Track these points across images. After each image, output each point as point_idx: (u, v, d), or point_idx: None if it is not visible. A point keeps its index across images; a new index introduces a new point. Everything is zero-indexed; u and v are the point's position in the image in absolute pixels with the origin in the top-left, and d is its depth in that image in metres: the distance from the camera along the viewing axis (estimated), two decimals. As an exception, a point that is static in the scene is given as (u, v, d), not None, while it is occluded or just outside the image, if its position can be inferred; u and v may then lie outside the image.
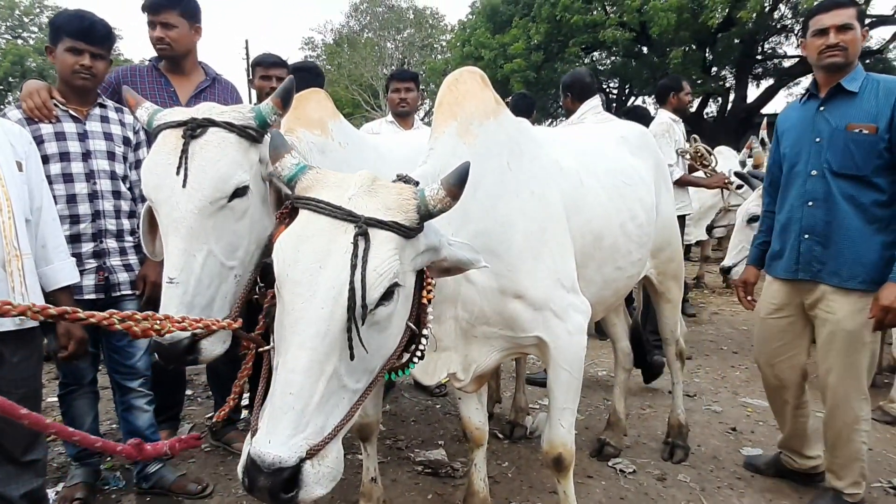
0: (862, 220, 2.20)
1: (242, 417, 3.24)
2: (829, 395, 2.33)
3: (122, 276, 2.37)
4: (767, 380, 2.60)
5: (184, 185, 1.42)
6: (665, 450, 2.99)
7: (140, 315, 1.15)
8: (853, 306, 2.22)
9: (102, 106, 2.40)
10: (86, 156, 2.29)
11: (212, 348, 1.47)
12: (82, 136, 2.29)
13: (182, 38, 2.71)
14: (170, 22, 2.67)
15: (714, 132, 13.98)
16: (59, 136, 2.24)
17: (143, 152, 2.46)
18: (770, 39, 15.87)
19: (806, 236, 2.32)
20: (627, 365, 3.13)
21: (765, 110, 15.17)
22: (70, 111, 2.29)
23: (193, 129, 1.45)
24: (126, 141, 2.44)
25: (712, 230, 5.77)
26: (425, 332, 1.36)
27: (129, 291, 2.39)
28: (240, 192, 1.48)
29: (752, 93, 16.31)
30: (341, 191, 1.22)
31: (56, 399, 2.57)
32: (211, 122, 1.47)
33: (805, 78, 16.12)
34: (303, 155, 1.39)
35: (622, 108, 15.51)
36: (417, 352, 1.36)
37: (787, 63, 16.05)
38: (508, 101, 4.25)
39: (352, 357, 1.12)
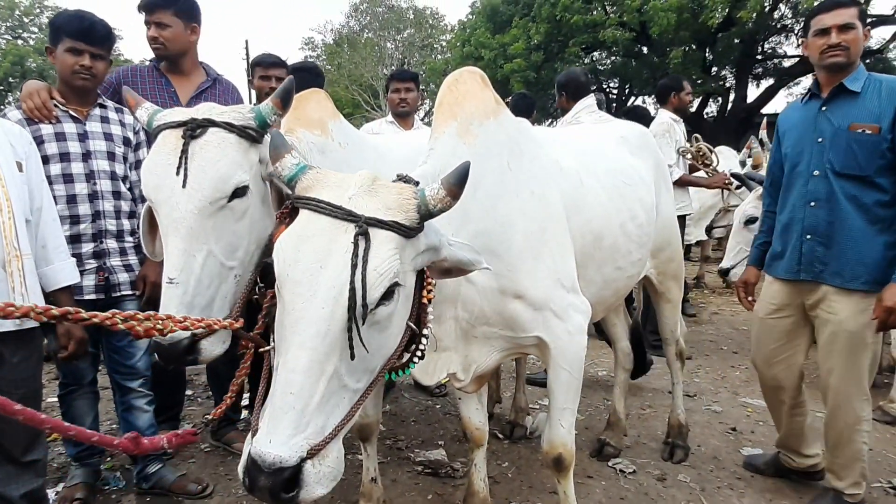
0: (864, 220, 2.20)
1: (242, 418, 3.24)
2: (831, 395, 2.33)
3: (123, 277, 2.37)
4: (764, 380, 2.60)
5: (183, 186, 1.42)
6: (665, 450, 2.99)
7: (142, 315, 1.15)
8: (855, 307, 2.22)
9: (102, 106, 2.40)
10: (86, 156, 2.29)
11: (211, 348, 1.47)
12: (82, 137, 2.29)
13: (176, 37, 2.70)
14: (163, 21, 2.66)
15: (714, 132, 13.97)
16: (60, 137, 2.24)
17: (144, 153, 2.46)
18: (770, 39, 15.87)
19: (808, 237, 2.31)
20: (627, 365, 3.13)
21: (765, 110, 15.16)
22: (70, 111, 2.29)
23: (193, 129, 1.45)
24: (126, 141, 2.44)
25: (712, 230, 5.77)
26: (425, 332, 1.36)
27: (130, 292, 2.39)
28: (239, 193, 1.48)
29: (753, 93, 16.34)
30: (341, 191, 1.22)
31: (56, 399, 2.57)
32: (211, 123, 1.47)
33: (805, 78, 16.13)
34: (303, 155, 1.39)
35: (622, 108, 15.52)
36: (418, 352, 1.36)
37: (787, 63, 16.05)
38: (508, 101, 4.25)
39: (352, 357, 1.12)
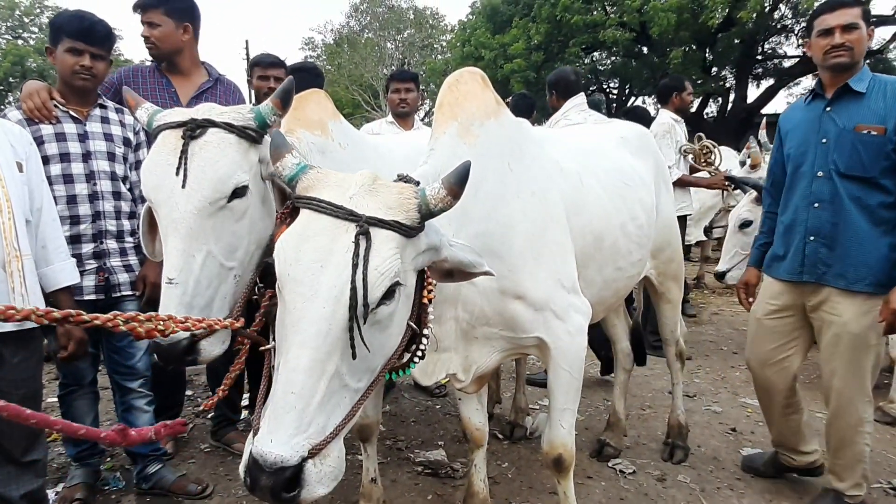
0: (869, 221, 2.18)
1: (242, 418, 3.24)
2: (833, 397, 2.31)
3: (123, 277, 2.37)
4: (758, 381, 2.57)
5: (183, 186, 1.42)
6: (665, 450, 2.99)
7: (144, 316, 1.15)
8: (859, 309, 2.20)
9: (103, 107, 2.40)
10: (86, 157, 2.29)
11: (211, 349, 1.47)
12: (82, 137, 2.29)
13: (167, 36, 2.69)
14: (154, 21, 2.67)
15: (714, 132, 13.88)
16: (60, 137, 2.24)
17: (144, 153, 2.46)
18: (770, 39, 15.86)
19: (811, 238, 2.29)
20: (627, 365, 3.13)
21: (765, 110, 15.16)
22: (70, 112, 2.29)
23: (193, 129, 1.45)
24: (126, 142, 2.44)
25: (710, 230, 5.76)
26: (426, 332, 1.36)
27: (130, 292, 2.39)
28: (239, 193, 1.48)
29: (753, 93, 16.33)
30: (342, 190, 1.22)
31: (56, 399, 2.57)
32: (211, 123, 1.47)
33: (805, 78, 16.15)
34: (303, 156, 1.39)
35: (622, 108, 15.52)
36: (418, 352, 1.36)
37: (787, 63, 16.05)
38: (508, 101, 4.25)
39: (354, 356, 1.12)
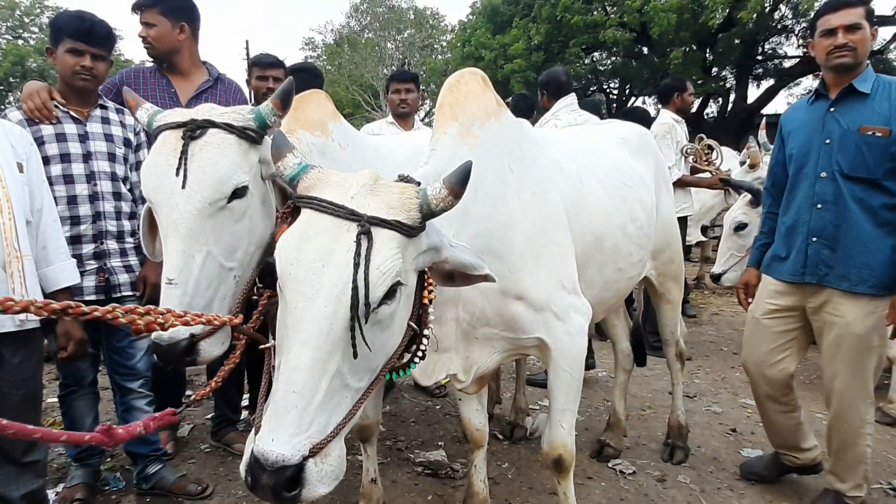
0: (872, 223, 2.17)
1: (242, 418, 3.24)
2: (835, 398, 2.30)
3: (123, 278, 2.37)
4: (755, 382, 2.55)
5: (183, 186, 1.42)
6: (665, 451, 2.99)
7: (142, 309, 1.14)
8: (862, 310, 2.20)
9: (103, 107, 2.40)
10: (86, 157, 2.29)
11: (210, 349, 1.46)
12: (83, 138, 2.29)
13: (162, 36, 2.69)
14: (150, 21, 2.67)
15: (714, 133, 13.87)
16: (60, 138, 2.24)
17: (144, 153, 2.46)
18: (770, 40, 15.85)
19: (814, 239, 2.28)
20: (628, 366, 3.13)
21: (765, 111, 15.16)
22: (71, 112, 2.29)
23: (193, 130, 1.45)
24: (127, 142, 2.44)
25: (707, 230, 5.76)
26: (426, 333, 1.36)
27: (130, 293, 2.39)
28: (239, 193, 1.48)
29: (753, 93, 16.31)
30: (343, 190, 1.22)
31: (56, 399, 2.57)
32: (211, 124, 1.47)
33: (805, 78, 16.15)
34: (303, 156, 1.39)
35: (622, 108, 15.51)
36: (419, 352, 1.36)
37: (787, 63, 16.04)
38: (509, 101, 4.25)
39: (355, 355, 1.12)
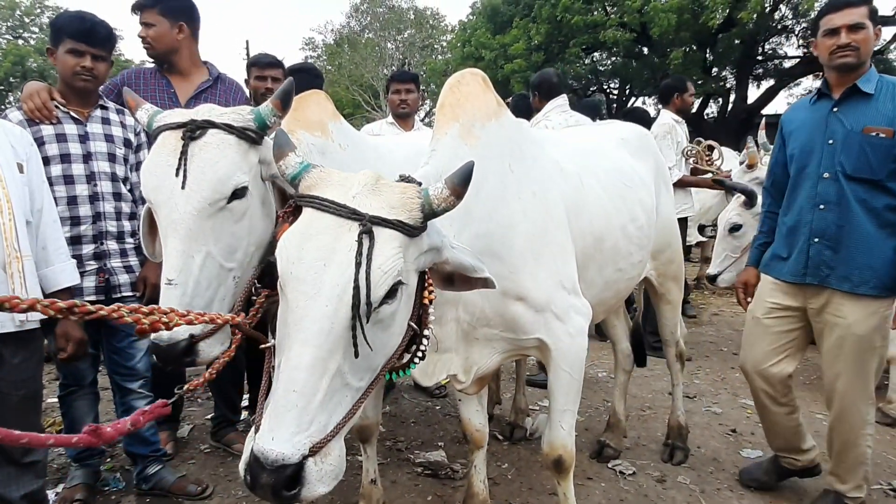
0: (874, 224, 2.16)
1: (242, 419, 3.24)
2: (837, 399, 2.30)
3: (123, 278, 2.37)
4: (755, 383, 2.51)
5: (183, 187, 1.42)
6: (665, 451, 2.99)
7: (146, 308, 1.14)
8: (864, 311, 2.19)
9: (104, 107, 2.40)
10: (87, 157, 2.29)
11: (209, 350, 1.46)
12: (83, 138, 2.29)
13: (161, 36, 2.69)
14: (149, 21, 2.68)
15: (714, 133, 13.95)
16: (60, 138, 2.24)
17: (145, 154, 2.45)
18: (770, 40, 15.84)
19: (816, 240, 2.26)
20: (628, 366, 3.13)
21: (765, 111, 15.15)
22: (71, 113, 2.29)
23: (193, 130, 1.45)
24: (127, 143, 2.44)
25: (704, 229, 5.77)
26: (426, 333, 1.36)
27: (130, 293, 2.39)
28: (239, 194, 1.48)
29: (753, 93, 16.29)
30: (345, 189, 1.22)
31: (56, 400, 2.57)
32: (210, 124, 1.47)
33: (806, 79, 16.14)
34: (303, 156, 1.39)
35: (623, 108, 15.52)
36: (419, 352, 1.36)
37: (787, 64, 16.03)
38: (509, 101, 4.26)
39: (356, 355, 1.12)
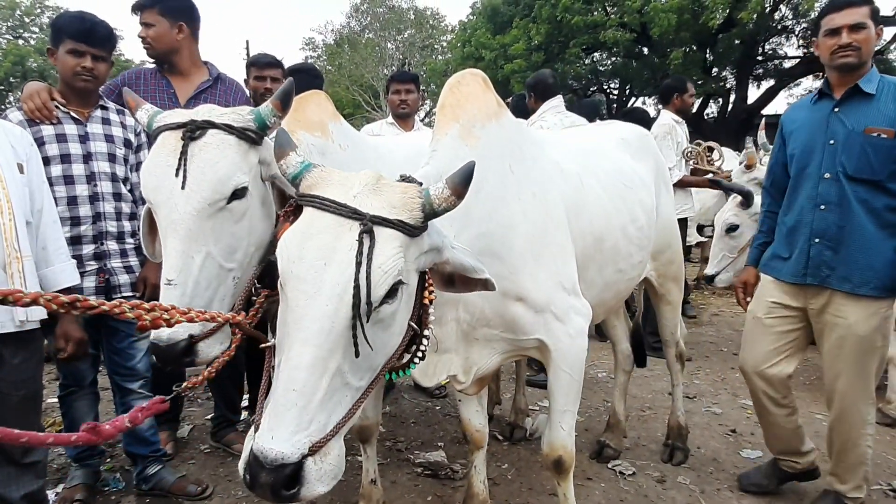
0: (875, 225, 2.16)
1: (242, 419, 3.24)
2: (837, 399, 2.29)
3: (123, 278, 2.37)
4: (754, 385, 2.48)
5: (182, 187, 1.42)
6: (665, 452, 2.99)
7: (148, 305, 1.14)
8: (865, 311, 2.19)
9: (104, 108, 2.40)
10: (87, 157, 2.29)
11: (209, 350, 1.46)
12: (83, 138, 2.29)
13: (161, 36, 2.69)
14: (149, 21, 2.68)
15: (715, 133, 13.96)
16: (60, 138, 2.24)
17: (145, 154, 2.46)
18: (771, 40, 15.85)
19: (816, 240, 2.26)
20: (627, 367, 3.13)
21: (765, 111, 15.16)
22: (71, 113, 2.29)
23: (193, 131, 1.45)
24: (127, 143, 2.44)
25: (702, 229, 5.77)
26: (427, 333, 1.36)
27: (130, 293, 2.39)
28: (239, 194, 1.48)
29: (753, 94, 16.30)
30: (346, 189, 1.21)
31: (56, 400, 2.57)
32: (210, 125, 1.47)
33: (806, 79, 16.13)
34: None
35: (623, 108, 15.52)
36: (419, 352, 1.36)
37: (787, 64, 16.03)
38: (508, 101, 4.26)
39: (356, 354, 1.12)
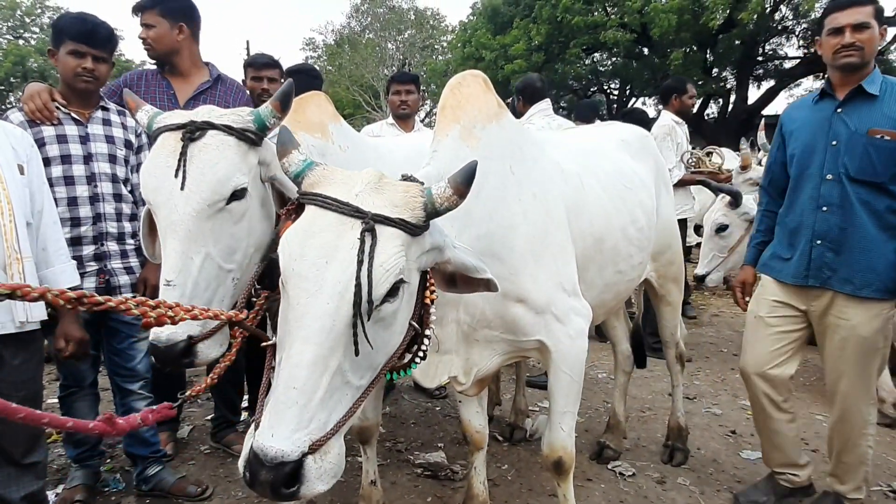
0: (876, 226, 2.15)
1: (242, 420, 3.24)
2: (839, 400, 2.29)
3: (123, 279, 2.37)
4: (755, 388, 2.43)
5: (182, 188, 1.42)
6: (665, 453, 2.99)
7: (152, 302, 1.14)
8: (868, 313, 2.18)
9: (105, 109, 2.40)
10: (87, 158, 2.29)
11: (208, 351, 1.47)
12: (84, 139, 2.29)
13: (161, 37, 2.69)
14: (149, 22, 2.68)
15: (715, 133, 13.98)
16: (61, 139, 2.24)
17: (145, 155, 2.45)
18: (771, 41, 15.85)
19: (818, 242, 2.24)
20: (627, 368, 3.13)
21: (766, 111, 15.15)
22: (72, 114, 2.29)
23: (192, 131, 1.46)
24: (128, 144, 2.44)
25: (699, 229, 5.76)
26: (428, 333, 1.36)
27: (130, 294, 2.39)
28: (238, 195, 1.49)
29: (753, 94, 16.30)
30: (348, 187, 1.22)
31: (56, 400, 2.57)
32: (210, 125, 1.48)
33: (806, 79, 16.13)
34: (304, 157, 1.39)
35: (623, 109, 15.52)
36: (420, 352, 1.36)
37: (787, 64, 16.04)
38: (508, 102, 4.25)
39: (357, 353, 1.12)
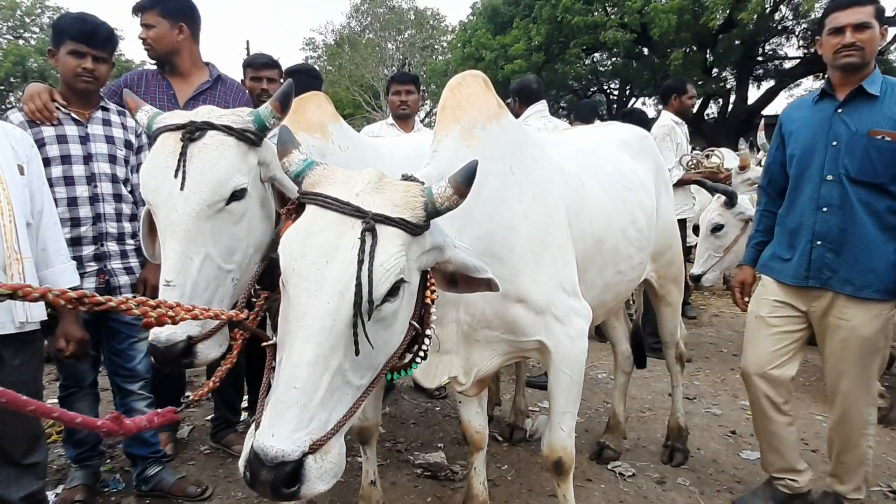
0: (876, 227, 2.15)
1: (242, 420, 3.24)
2: (839, 400, 2.29)
3: (123, 279, 2.37)
4: (756, 389, 2.41)
5: (182, 188, 1.42)
6: (665, 453, 2.99)
7: (153, 301, 1.14)
8: (869, 313, 2.18)
9: (105, 109, 2.40)
10: (87, 159, 2.29)
11: (208, 351, 1.47)
12: (84, 139, 2.29)
13: (161, 37, 2.69)
14: (149, 22, 2.68)
15: (715, 133, 14.00)
16: (61, 139, 2.24)
17: (145, 156, 2.45)
18: (771, 41, 15.86)
19: (818, 242, 2.24)
20: (627, 368, 3.13)
21: (766, 112, 15.16)
22: (72, 114, 2.29)
23: (192, 132, 1.46)
24: (128, 144, 2.44)
25: (698, 229, 5.76)
26: (428, 332, 1.36)
27: (130, 295, 2.38)
28: (238, 195, 1.49)
29: (753, 94, 16.31)
30: (349, 187, 1.22)
31: (56, 401, 2.57)
32: (210, 126, 1.48)
33: (806, 79, 16.14)
34: (304, 157, 1.39)
35: (623, 109, 15.53)
36: (420, 352, 1.36)
37: (787, 64, 16.04)
38: (508, 102, 4.26)
39: (357, 352, 1.12)
